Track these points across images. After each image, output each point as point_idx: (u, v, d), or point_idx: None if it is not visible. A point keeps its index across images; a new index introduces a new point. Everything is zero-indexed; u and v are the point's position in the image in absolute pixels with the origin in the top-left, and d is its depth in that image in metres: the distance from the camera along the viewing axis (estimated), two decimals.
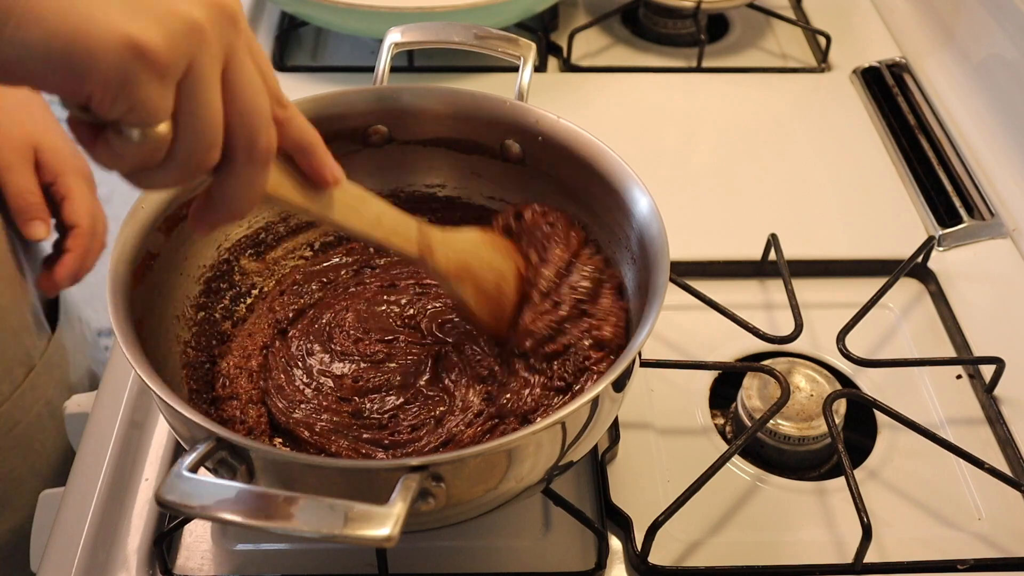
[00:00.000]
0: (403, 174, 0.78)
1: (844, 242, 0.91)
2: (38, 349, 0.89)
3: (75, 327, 1.00)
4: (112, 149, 0.43)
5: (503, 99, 0.73)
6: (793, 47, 1.17)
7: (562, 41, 1.12)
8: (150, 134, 0.42)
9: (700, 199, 0.95)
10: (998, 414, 0.76)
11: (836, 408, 0.72)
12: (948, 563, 0.67)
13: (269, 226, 0.76)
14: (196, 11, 0.41)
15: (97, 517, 0.68)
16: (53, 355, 0.92)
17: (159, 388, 0.54)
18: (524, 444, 0.54)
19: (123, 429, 0.74)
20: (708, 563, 0.67)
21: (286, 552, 0.67)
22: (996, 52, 1.02)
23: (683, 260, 0.82)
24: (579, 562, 0.67)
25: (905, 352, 0.82)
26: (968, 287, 0.86)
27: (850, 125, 1.05)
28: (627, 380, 0.61)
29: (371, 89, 0.74)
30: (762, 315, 0.84)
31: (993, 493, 0.71)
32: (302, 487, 0.50)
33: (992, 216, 0.93)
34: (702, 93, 1.10)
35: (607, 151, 0.69)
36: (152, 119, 0.42)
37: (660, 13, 1.16)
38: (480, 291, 0.66)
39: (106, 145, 0.43)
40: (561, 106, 0.73)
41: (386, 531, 0.46)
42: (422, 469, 0.50)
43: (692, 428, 0.76)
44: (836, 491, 0.71)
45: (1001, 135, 0.99)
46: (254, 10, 1.18)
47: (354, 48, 1.14)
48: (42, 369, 0.89)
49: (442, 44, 0.76)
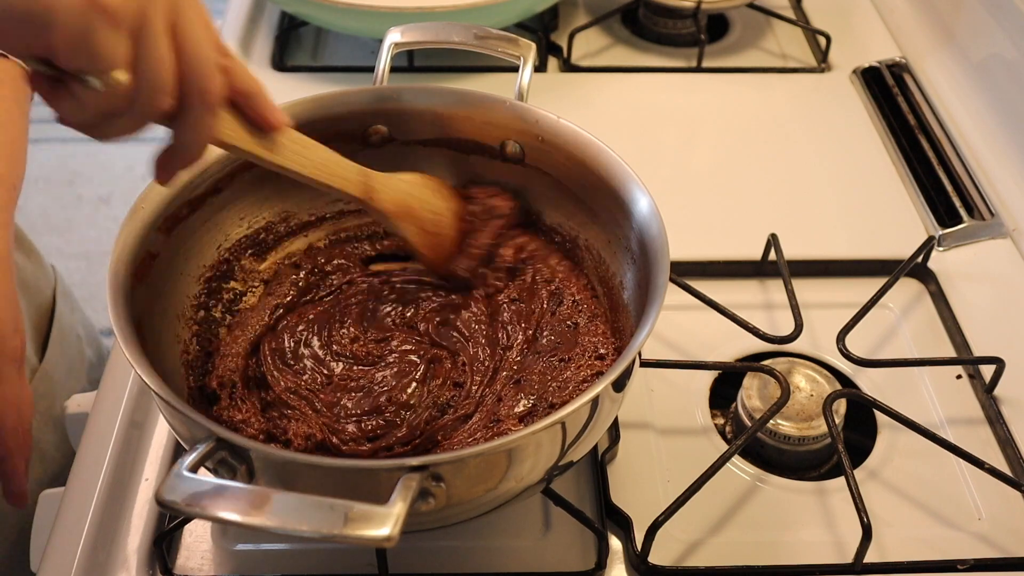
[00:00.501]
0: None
1: (844, 242, 0.91)
2: None
3: (70, 347, 0.97)
4: (76, 99, 0.47)
5: (503, 99, 0.73)
6: (793, 47, 1.17)
7: (562, 41, 1.12)
8: (110, 81, 0.47)
9: (700, 199, 0.95)
10: (998, 414, 0.76)
11: (836, 408, 0.72)
12: (948, 563, 0.67)
13: (269, 226, 0.76)
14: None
15: (97, 517, 0.68)
16: (39, 387, 0.89)
17: (159, 388, 0.54)
18: (524, 444, 0.54)
19: (123, 429, 0.74)
20: (708, 563, 0.67)
21: (286, 552, 0.67)
22: (996, 52, 1.02)
23: (683, 260, 0.82)
24: (579, 562, 0.67)
25: (905, 352, 0.82)
26: (968, 287, 0.86)
27: (850, 125, 1.05)
28: (627, 380, 0.61)
29: (371, 89, 0.74)
30: (762, 315, 0.84)
31: (993, 493, 0.71)
32: (302, 487, 0.50)
33: (992, 216, 0.93)
34: (702, 93, 1.10)
35: (607, 151, 0.69)
36: (111, 65, 0.46)
37: (660, 13, 1.16)
38: (420, 229, 0.72)
39: (69, 96, 0.47)
40: (561, 106, 0.73)
41: (386, 531, 0.46)
42: (422, 469, 0.50)
43: (692, 428, 0.76)
44: (836, 491, 0.71)
45: (1001, 135, 0.99)
46: (254, 10, 1.18)
47: (354, 48, 1.14)
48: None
49: (442, 44, 0.76)
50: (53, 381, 0.92)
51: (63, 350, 0.95)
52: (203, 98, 0.51)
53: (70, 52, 0.45)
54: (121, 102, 0.48)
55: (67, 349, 0.96)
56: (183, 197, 0.68)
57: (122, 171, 2.52)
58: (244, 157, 0.58)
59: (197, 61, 0.50)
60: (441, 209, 0.74)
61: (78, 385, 0.96)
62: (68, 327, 0.98)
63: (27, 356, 0.88)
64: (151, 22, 0.47)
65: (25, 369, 0.76)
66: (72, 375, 0.96)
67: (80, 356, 0.99)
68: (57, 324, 0.95)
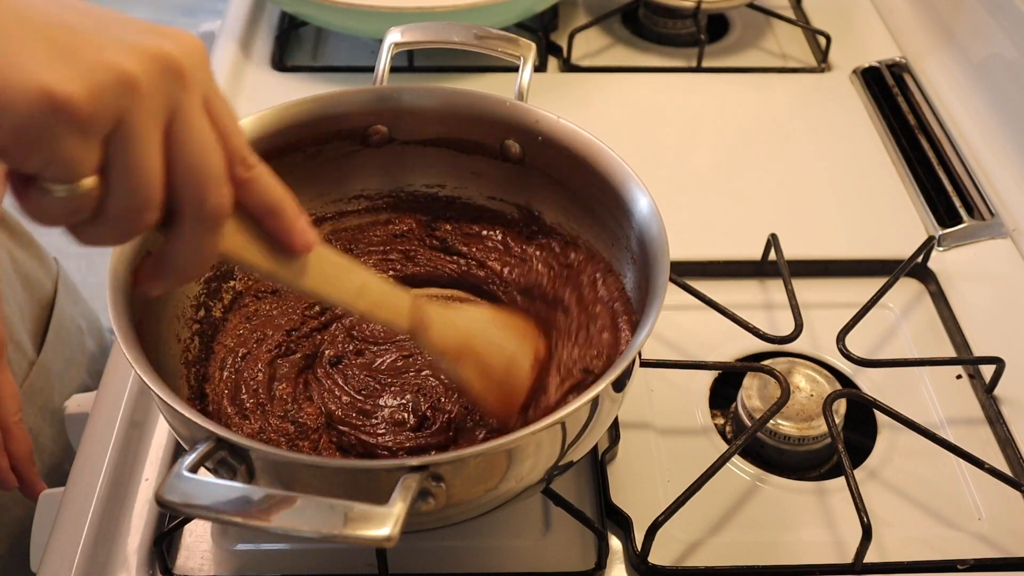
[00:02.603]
0: (403, 174, 0.78)
1: (844, 242, 0.91)
2: (17, 377, 0.86)
3: (70, 340, 0.97)
4: (40, 202, 0.40)
5: (503, 99, 0.73)
6: (793, 47, 1.17)
7: (562, 41, 1.12)
8: (74, 189, 0.40)
9: (700, 199, 0.95)
10: (998, 414, 0.76)
11: (836, 408, 0.72)
12: (948, 563, 0.67)
13: None
14: (130, 63, 0.39)
15: (97, 517, 0.68)
16: (36, 380, 0.89)
17: (159, 388, 0.54)
18: (524, 444, 0.54)
19: (123, 429, 0.74)
20: (708, 563, 0.67)
21: (286, 552, 0.67)
22: (996, 52, 1.02)
23: (683, 260, 0.82)
24: (579, 562, 0.67)
25: (905, 352, 0.82)
26: (968, 287, 0.86)
27: (850, 125, 1.05)
28: (627, 380, 0.61)
29: (371, 89, 0.74)
30: (762, 315, 0.84)
31: (993, 493, 0.71)
32: (302, 487, 0.50)
33: (992, 216, 0.93)
34: (702, 93, 1.10)
35: (607, 151, 0.69)
36: (71, 175, 0.39)
37: (660, 13, 1.16)
38: (484, 374, 0.61)
39: (36, 196, 0.40)
40: (561, 106, 0.73)
41: (386, 531, 0.46)
42: (422, 469, 0.50)
43: (692, 428, 0.76)
44: (836, 491, 0.71)
45: (1001, 135, 0.99)
46: (254, 10, 1.18)
47: (354, 48, 1.14)
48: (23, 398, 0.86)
49: (442, 44, 0.76)
50: (51, 374, 0.92)
51: (62, 343, 0.95)
52: (199, 215, 0.43)
53: (22, 155, 0.38)
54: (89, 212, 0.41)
55: (67, 342, 0.96)
56: None
57: None
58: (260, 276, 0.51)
59: (196, 173, 0.42)
60: (515, 351, 0.63)
61: (78, 377, 0.96)
62: (68, 319, 0.98)
63: (24, 348, 0.88)
64: (132, 128, 0.40)
65: (7, 364, 0.76)
66: (72, 367, 0.96)
67: (81, 348, 0.99)
68: (56, 316, 0.95)
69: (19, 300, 0.89)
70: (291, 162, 0.74)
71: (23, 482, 0.79)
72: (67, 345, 0.96)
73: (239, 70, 1.09)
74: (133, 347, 0.56)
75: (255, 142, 0.70)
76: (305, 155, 0.74)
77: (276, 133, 0.72)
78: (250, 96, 1.06)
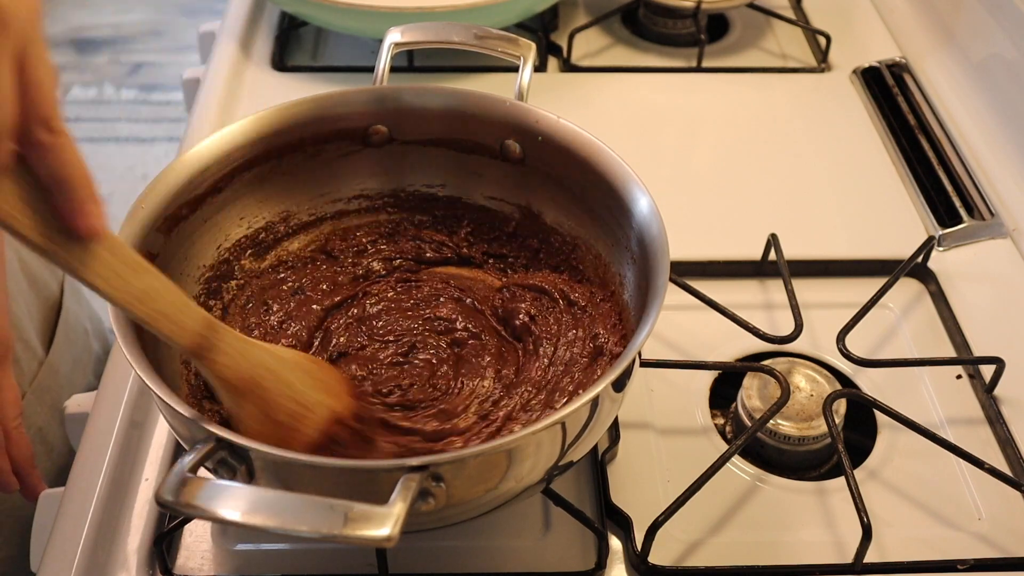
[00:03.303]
0: (403, 174, 0.78)
1: (844, 242, 0.91)
2: (27, 376, 0.88)
3: (77, 340, 0.98)
4: None
5: (503, 99, 0.73)
6: (793, 47, 1.17)
7: (562, 41, 1.12)
8: None
9: (700, 199, 0.95)
10: (998, 414, 0.76)
11: (836, 408, 0.72)
12: (948, 563, 0.67)
13: (269, 226, 0.76)
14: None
15: (97, 517, 0.68)
16: (44, 379, 0.90)
17: (159, 388, 0.54)
18: (524, 444, 0.54)
19: (123, 429, 0.74)
20: (708, 563, 0.67)
21: (286, 552, 0.67)
22: (996, 52, 1.02)
23: (683, 260, 0.82)
24: (579, 562, 0.67)
25: (905, 352, 0.82)
26: (968, 287, 0.86)
27: (850, 125, 1.05)
28: (627, 380, 0.61)
29: (371, 89, 0.74)
30: (762, 315, 0.84)
31: (993, 493, 0.71)
32: (302, 487, 0.50)
33: (992, 216, 0.93)
34: (702, 93, 1.10)
35: (607, 151, 0.69)
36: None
37: (660, 13, 1.16)
38: (265, 414, 0.58)
39: None
40: (561, 106, 0.73)
41: (386, 531, 0.46)
42: (422, 469, 0.50)
43: (692, 428, 0.76)
44: (836, 491, 0.71)
45: (1001, 135, 0.99)
46: (254, 10, 1.18)
47: (354, 48, 1.14)
48: (32, 397, 0.87)
49: (442, 44, 0.76)
50: (59, 374, 0.92)
51: (70, 343, 0.95)
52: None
53: None
54: None
55: (74, 342, 0.97)
56: (183, 197, 0.68)
57: (122, 171, 2.52)
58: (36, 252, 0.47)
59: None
60: (312, 404, 0.59)
61: (84, 378, 0.97)
62: (75, 320, 0.98)
63: (34, 348, 0.88)
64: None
65: (11, 367, 0.76)
66: (78, 368, 0.96)
67: (87, 349, 1.00)
68: (64, 317, 0.95)
69: (27, 300, 0.89)
70: (291, 162, 0.74)
71: (24, 485, 0.79)
72: (74, 345, 0.96)
73: (239, 70, 1.09)
74: (133, 347, 0.56)
75: (255, 142, 0.71)
76: (305, 155, 0.74)
77: (276, 133, 0.72)
78: (250, 96, 1.06)
